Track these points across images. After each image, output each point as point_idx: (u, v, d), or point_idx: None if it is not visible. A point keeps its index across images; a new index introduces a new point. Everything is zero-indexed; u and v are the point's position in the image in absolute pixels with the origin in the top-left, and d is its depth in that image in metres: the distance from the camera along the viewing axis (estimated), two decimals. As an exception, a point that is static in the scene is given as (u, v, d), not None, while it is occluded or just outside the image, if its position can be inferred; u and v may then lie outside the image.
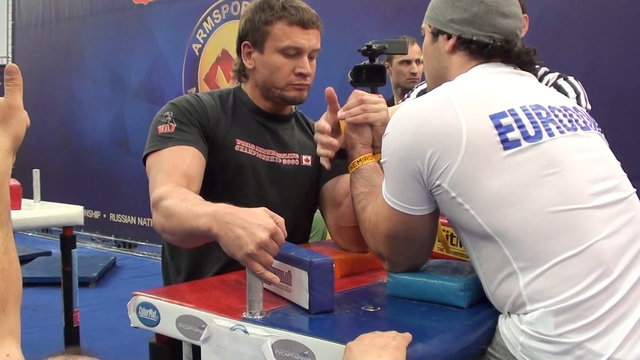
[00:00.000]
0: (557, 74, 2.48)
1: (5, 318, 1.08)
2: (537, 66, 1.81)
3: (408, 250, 1.68)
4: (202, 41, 6.79)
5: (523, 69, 1.71)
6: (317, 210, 2.32)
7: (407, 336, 1.34)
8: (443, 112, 1.51)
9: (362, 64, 2.11)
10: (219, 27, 6.60)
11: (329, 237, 3.56)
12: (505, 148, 1.47)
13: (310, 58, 2.09)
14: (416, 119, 1.55)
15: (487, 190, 1.46)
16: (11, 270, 1.10)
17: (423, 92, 2.70)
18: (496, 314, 1.57)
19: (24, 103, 1.24)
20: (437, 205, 1.59)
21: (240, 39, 2.14)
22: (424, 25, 1.81)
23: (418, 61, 4.15)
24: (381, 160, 1.64)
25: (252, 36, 2.09)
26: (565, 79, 2.48)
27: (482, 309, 1.60)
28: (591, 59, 4.22)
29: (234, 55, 2.23)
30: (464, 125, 1.47)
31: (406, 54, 2.67)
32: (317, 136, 1.94)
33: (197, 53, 6.85)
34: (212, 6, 6.66)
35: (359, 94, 1.92)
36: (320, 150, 1.93)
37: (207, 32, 6.73)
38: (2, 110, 1.19)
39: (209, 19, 6.70)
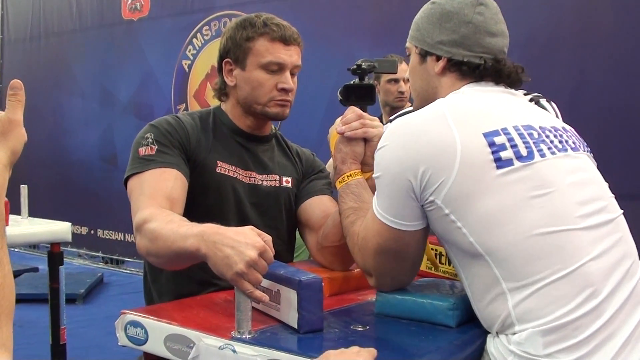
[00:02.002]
0: (530, 96, 2.48)
1: None
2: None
3: (396, 266, 1.68)
4: (191, 57, 6.80)
5: (513, 87, 1.72)
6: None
7: (372, 351, 1.34)
8: (438, 128, 1.52)
9: (351, 82, 2.11)
10: (209, 44, 6.60)
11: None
12: (498, 167, 1.48)
13: (292, 74, 2.11)
14: (410, 134, 1.56)
15: (479, 209, 1.47)
16: (5, 284, 1.09)
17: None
18: (485, 333, 1.57)
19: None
20: (428, 222, 1.59)
21: (222, 57, 2.15)
22: (409, 45, 1.82)
23: (407, 80, 4.17)
24: (374, 175, 1.64)
25: (234, 53, 2.10)
26: (537, 103, 2.46)
27: (471, 329, 1.60)
28: (579, 78, 4.25)
29: (223, 72, 2.23)
30: (458, 142, 1.48)
31: (396, 73, 2.67)
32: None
33: (187, 69, 6.86)
34: (202, 23, 6.67)
35: (355, 109, 1.94)
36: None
37: (197, 48, 6.74)
38: (1, 125, 1.20)
39: (198, 35, 6.71)
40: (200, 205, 2.03)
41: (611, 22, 4.20)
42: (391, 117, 3.07)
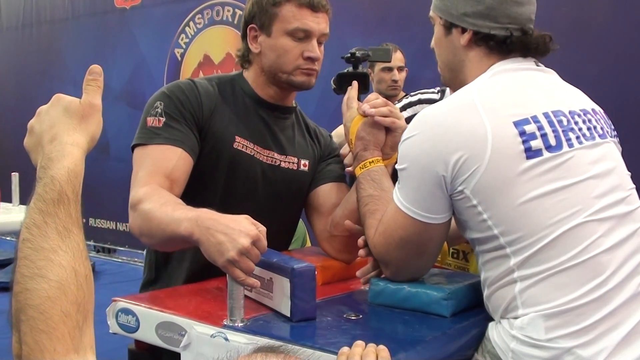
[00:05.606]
0: None
1: (87, 330, 1.02)
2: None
3: (416, 258, 1.65)
4: (184, 46, 6.77)
5: (541, 57, 1.68)
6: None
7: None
8: (469, 116, 1.49)
9: (345, 71, 2.09)
10: (201, 32, 6.57)
11: (308, 244, 3.56)
12: (528, 157, 1.46)
13: (319, 43, 2.02)
14: (440, 124, 1.52)
15: (507, 202, 1.45)
16: (91, 277, 1.04)
17: (408, 104, 2.68)
18: (480, 322, 1.57)
19: (5, 105, 1.21)
20: (452, 214, 1.57)
21: (246, 23, 2.06)
22: (432, 14, 1.74)
23: (401, 68, 4.17)
24: (398, 166, 1.59)
25: (260, 19, 2.01)
26: None
27: (465, 318, 1.60)
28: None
29: (215, 60, 2.21)
30: (489, 132, 1.45)
31: (390, 61, 2.66)
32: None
33: (179, 58, 6.83)
34: (195, 11, 6.64)
35: (379, 95, 1.90)
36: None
37: (190, 37, 6.71)
38: (83, 108, 1.16)
39: (191, 23, 6.68)
40: (208, 177, 1.98)
41: (607, 16, 4.17)
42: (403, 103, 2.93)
